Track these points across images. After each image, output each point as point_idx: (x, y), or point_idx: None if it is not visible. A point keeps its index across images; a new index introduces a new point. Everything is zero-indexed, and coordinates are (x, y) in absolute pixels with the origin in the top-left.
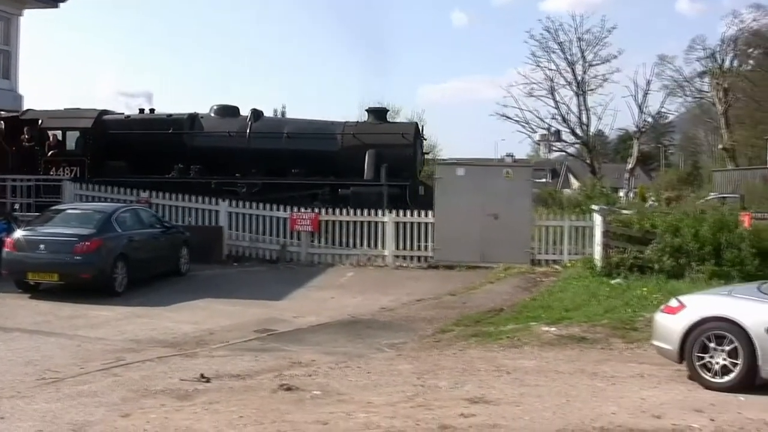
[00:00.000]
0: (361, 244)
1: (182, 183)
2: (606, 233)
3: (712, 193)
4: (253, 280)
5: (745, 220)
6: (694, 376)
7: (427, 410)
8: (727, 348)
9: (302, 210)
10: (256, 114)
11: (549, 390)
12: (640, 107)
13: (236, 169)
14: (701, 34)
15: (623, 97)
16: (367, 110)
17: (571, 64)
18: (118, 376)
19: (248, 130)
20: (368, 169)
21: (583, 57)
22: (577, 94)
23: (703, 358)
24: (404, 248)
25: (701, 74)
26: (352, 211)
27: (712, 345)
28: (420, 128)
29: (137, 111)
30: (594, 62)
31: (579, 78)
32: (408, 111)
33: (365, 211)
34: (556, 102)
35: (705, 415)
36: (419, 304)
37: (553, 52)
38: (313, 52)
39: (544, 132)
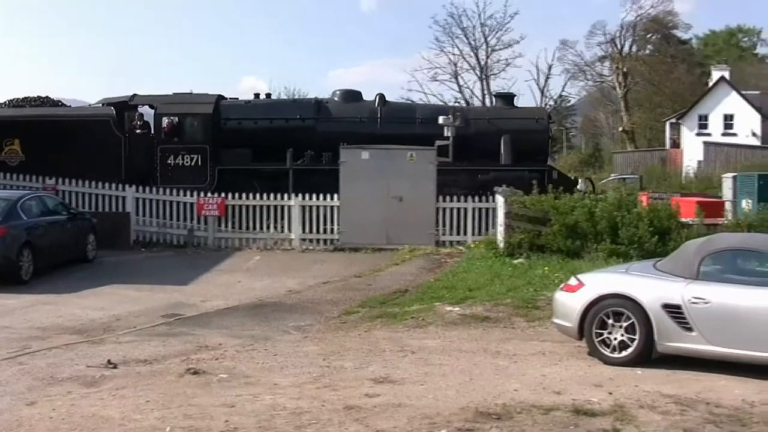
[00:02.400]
0: (269, 228)
1: (312, 171)
2: (508, 214)
3: (612, 174)
4: (161, 265)
5: (644, 199)
6: (593, 352)
7: (333, 391)
8: (625, 324)
9: (209, 195)
10: (383, 99)
11: (453, 369)
12: (542, 91)
13: None
14: (602, 20)
15: (526, 81)
16: (495, 95)
17: (475, 49)
18: (24, 365)
19: (379, 115)
20: (505, 153)
21: (486, 42)
22: (481, 79)
23: (601, 334)
24: (311, 231)
25: (602, 59)
26: (258, 195)
27: (610, 321)
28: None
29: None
30: (497, 47)
31: (482, 62)
32: (318, 94)
33: (271, 195)
34: (459, 86)
35: (604, 389)
36: (325, 287)
37: (457, 37)
38: (221, 37)
39: (448, 116)
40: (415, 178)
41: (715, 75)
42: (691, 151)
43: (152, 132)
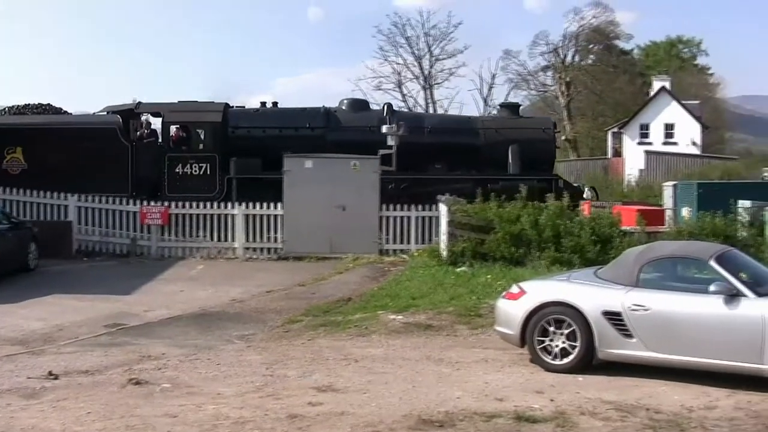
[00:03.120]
0: (212, 237)
1: None
2: (451, 223)
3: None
4: (104, 274)
5: (585, 208)
6: (535, 360)
7: (276, 400)
8: (566, 331)
9: (152, 203)
10: (391, 108)
11: (396, 377)
12: (485, 100)
13: None
14: (544, 30)
15: (469, 90)
16: (500, 105)
17: (418, 59)
18: None
19: (388, 124)
20: (513, 163)
21: (430, 51)
22: (424, 88)
23: (543, 341)
24: (254, 240)
25: (545, 68)
26: (201, 204)
27: (551, 329)
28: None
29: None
30: (440, 57)
31: (426, 72)
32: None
33: (215, 204)
34: (403, 95)
35: (545, 396)
36: (269, 296)
37: (401, 47)
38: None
39: (391, 126)
40: (359, 187)
41: (656, 85)
42: (633, 160)
43: (160, 140)
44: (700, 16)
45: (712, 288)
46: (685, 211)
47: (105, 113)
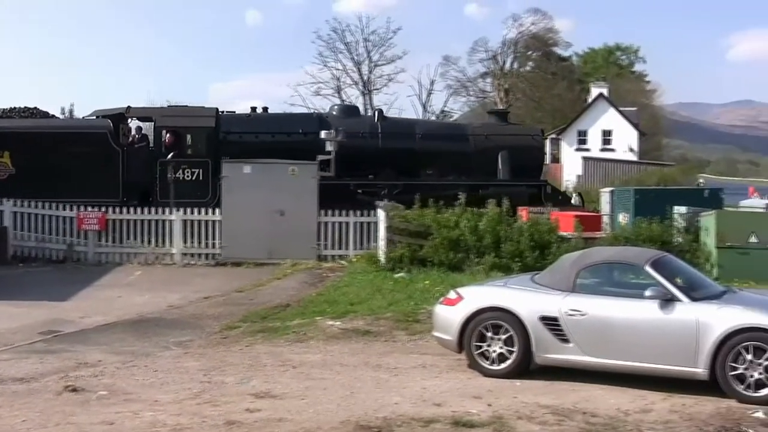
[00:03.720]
0: (149, 243)
1: (321, 185)
2: (389, 228)
3: None
4: (39, 280)
5: (523, 214)
6: (473, 365)
7: (214, 406)
8: (504, 336)
9: (89, 209)
10: (382, 114)
11: (334, 383)
12: (424, 106)
13: (368, 170)
14: (483, 37)
15: (408, 96)
16: (488, 112)
17: (358, 64)
18: None
19: (379, 131)
20: (503, 169)
21: (369, 57)
22: (363, 94)
23: (481, 347)
24: (192, 246)
25: (484, 75)
26: (139, 210)
27: (489, 334)
28: None
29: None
30: (380, 62)
31: (365, 78)
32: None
33: (152, 210)
34: (342, 101)
35: (483, 401)
36: (207, 302)
37: (340, 53)
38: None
39: (330, 131)
40: (297, 193)
41: (594, 92)
42: (571, 166)
43: (151, 145)
44: (637, 25)
45: (647, 293)
46: (622, 217)
47: (94, 117)
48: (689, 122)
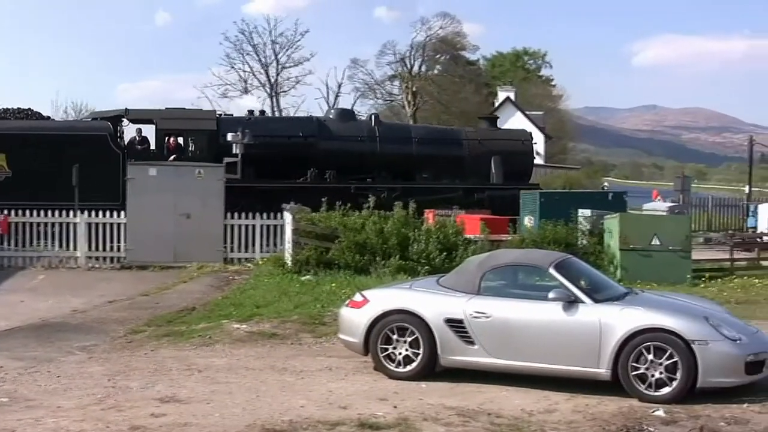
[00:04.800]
0: (53, 246)
1: (320, 188)
2: (296, 231)
3: None
4: None
5: (430, 217)
6: (379, 367)
7: (118, 412)
8: (409, 339)
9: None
10: (378, 118)
11: (239, 386)
12: (331, 108)
13: (365, 174)
14: (392, 40)
15: (316, 98)
16: (479, 117)
17: (265, 66)
18: None
19: (377, 135)
20: (496, 173)
21: (277, 59)
22: (270, 96)
23: (387, 349)
24: (97, 249)
25: (392, 78)
26: (42, 212)
27: (395, 337)
28: None
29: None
30: (287, 65)
31: (272, 80)
32: (107, 108)
33: (56, 212)
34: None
35: (389, 403)
36: (111, 306)
37: (248, 54)
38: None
39: (236, 133)
40: (203, 195)
41: (501, 95)
42: None
43: (152, 148)
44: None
45: (551, 295)
46: (528, 220)
47: (93, 119)
48: (595, 126)
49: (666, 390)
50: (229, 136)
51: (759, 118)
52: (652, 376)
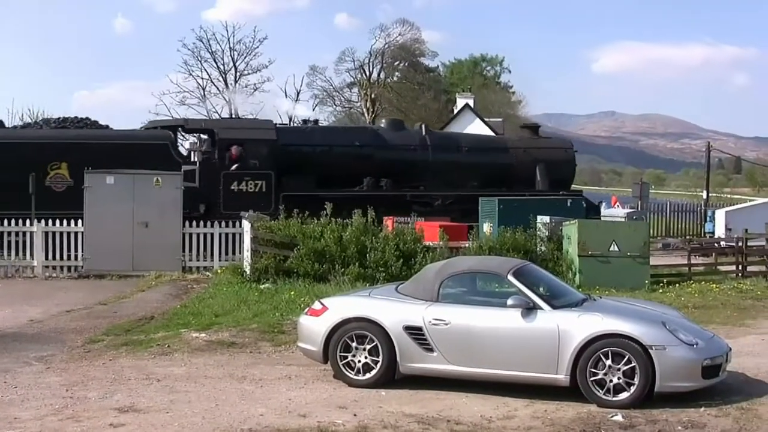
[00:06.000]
0: (9, 255)
1: (378, 196)
2: (254, 239)
3: None
4: None
5: (389, 224)
6: (338, 375)
7: (76, 422)
8: (368, 347)
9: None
10: (428, 128)
11: (199, 396)
12: (289, 116)
13: (417, 182)
14: (351, 47)
15: (274, 105)
16: (521, 126)
17: (223, 73)
18: None
19: (429, 143)
20: (542, 181)
21: (235, 66)
22: (229, 103)
23: (346, 357)
24: (54, 258)
25: (350, 85)
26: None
27: (354, 344)
28: None
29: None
30: (246, 72)
31: (231, 87)
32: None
33: (12, 221)
34: (207, 110)
35: (348, 411)
36: (69, 315)
37: (206, 61)
38: None
39: (195, 140)
40: (161, 204)
41: (460, 102)
42: None
43: (215, 157)
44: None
45: (509, 302)
46: (487, 227)
47: (152, 128)
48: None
49: (624, 395)
50: (187, 144)
51: (717, 124)
52: (611, 381)
